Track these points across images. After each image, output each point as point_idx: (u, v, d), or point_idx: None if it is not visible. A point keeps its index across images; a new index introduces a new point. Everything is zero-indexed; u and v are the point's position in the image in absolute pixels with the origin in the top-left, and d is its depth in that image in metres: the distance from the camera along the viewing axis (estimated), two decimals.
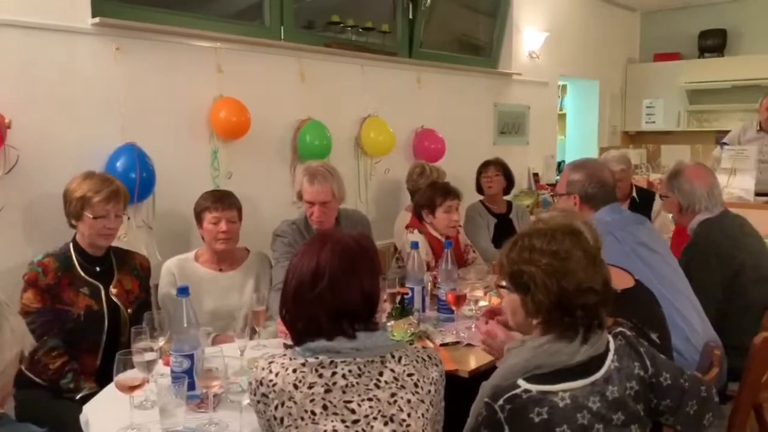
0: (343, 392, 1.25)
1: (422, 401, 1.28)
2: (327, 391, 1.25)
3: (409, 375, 1.29)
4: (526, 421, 1.30)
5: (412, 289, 2.50)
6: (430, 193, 3.23)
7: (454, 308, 2.38)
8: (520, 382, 1.35)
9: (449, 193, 3.19)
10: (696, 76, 6.47)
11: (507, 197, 4.40)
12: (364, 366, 1.28)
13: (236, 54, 3.44)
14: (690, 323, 2.21)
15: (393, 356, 1.31)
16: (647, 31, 7.20)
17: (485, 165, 4.25)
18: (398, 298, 2.41)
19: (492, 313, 2.02)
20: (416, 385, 1.28)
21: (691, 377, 1.50)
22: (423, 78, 4.57)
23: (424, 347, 1.40)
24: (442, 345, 2.23)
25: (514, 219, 4.24)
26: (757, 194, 4.77)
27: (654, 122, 6.92)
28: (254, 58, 3.54)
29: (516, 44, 5.44)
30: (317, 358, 1.28)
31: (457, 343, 2.25)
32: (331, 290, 1.29)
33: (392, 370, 1.29)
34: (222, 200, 2.65)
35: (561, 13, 5.92)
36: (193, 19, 3.32)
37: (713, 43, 6.63)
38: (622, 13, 6.95)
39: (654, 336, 1.75)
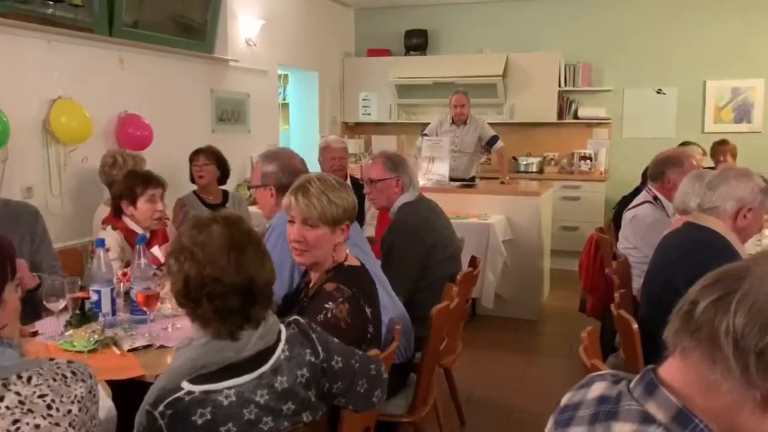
0: None
1: (58, 424, 1.11)
2: None
3: (41, 396, 1.11)
4: (189, 424, 1.23)
5: (98, 292, 2.25)
6: (129, 182, 2.94)
7: (145, 309, 2.21)
8: (184, 384, 1.27)
9: (151, 181, 2.95)
10: (403, 72, 7.02)
11: (224, 187, 4.29)
12: None
13: None
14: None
15: (20, 377, 1.12)
16: (361, 27, 7.63)
17: (196, 153, 4.09)
18: (79, 303, 2.16)
19: None
20: (50, 407, 1.11)
21: (362, 357, 1.57)
22: (127, 59, 4.21)
23: (70, 361, 1.22)
24: (130, 350, 2.05)
25: (231, 209, 4.14)
26: (452, 179, 5.37)
27: (370, 114, 7.38)
28: None
29: (232, 30, 5.32)
30: None
31: (149, 346, 2.09)
32: None
33: (17, 393, 1.10)
34: None
35: (276, 2, 5.95)
36: None
37: (417, 42, 7.27)
38: (337, 8, 7.25)
39: (368, 310, 1.86)
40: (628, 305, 2.57)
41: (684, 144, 4.61)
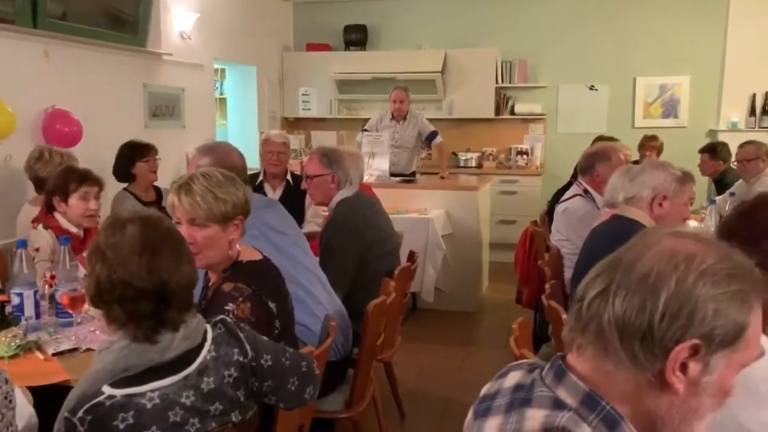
0: None
1: None
2: None
3: None
4: (110, 429, 1.20)
5: (20, 295, 2.16)
6: (63, 178, 2.83)
7: (70, 311, 2.13)
8: (105, 388, 1.23)
9: (86, 178, 2.85)
10: (343, 67, 6.99)
11: (157, 183, 4.18)
12: None
13: None
14: (315, 297, 2.35)
15: None
16: (300, 21, 7.55)
17: (146, 150, 3.92)
18: None
19: None
20: None
21: (293, 355, 1.56)
22: (54, 52, 4.05)
23: None
24: (55, 354, 1.98)
25: (168, 206, 4.04)
26: (393, 175, 5.40)
27: (310, 109, 7.32)
28: None
29: (165, 23, 5.18)
30: None
31: (75, 349, 2.03)
32: None
33: None
34: None
35: None
36: None
37: (356, 38, 7.24)
38: (275, 2, 7.15)
39: (272, 305, 1.81)
40: (558, 296, 2.65)
41: (599, 139, 4.78)
